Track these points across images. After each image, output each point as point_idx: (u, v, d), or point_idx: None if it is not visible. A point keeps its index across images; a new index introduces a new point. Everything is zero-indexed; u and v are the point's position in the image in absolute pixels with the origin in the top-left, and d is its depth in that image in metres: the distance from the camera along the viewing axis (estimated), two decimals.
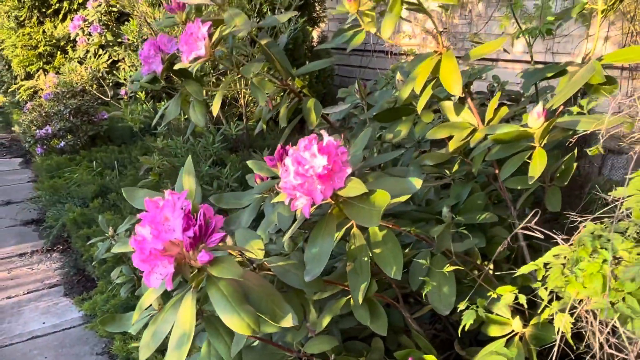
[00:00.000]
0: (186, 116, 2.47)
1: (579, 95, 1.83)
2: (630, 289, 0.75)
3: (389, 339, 1.56)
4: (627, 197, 0.89)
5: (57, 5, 5.71)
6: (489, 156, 1.39)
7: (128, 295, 2.23)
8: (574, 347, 1.02)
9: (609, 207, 1.02)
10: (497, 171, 1.51)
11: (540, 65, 1.62)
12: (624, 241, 0.81)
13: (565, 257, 0.85)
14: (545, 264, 0.88)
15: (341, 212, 1.02)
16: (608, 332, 0.92)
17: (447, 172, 1.62)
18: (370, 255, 1.10)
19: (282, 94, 1.63)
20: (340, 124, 2.41)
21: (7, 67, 6.46)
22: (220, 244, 0.89)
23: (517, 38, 1.56)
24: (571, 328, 0.96)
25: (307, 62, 4.78)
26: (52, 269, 3.34)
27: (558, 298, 1.01)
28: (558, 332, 0.87)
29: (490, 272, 1.51)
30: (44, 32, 5.77)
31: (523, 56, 3.95)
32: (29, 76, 6.08)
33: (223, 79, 2.26)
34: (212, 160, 3.00)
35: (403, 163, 1.98)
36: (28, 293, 3.08)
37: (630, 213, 0.92)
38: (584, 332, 1.00)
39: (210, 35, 1.33)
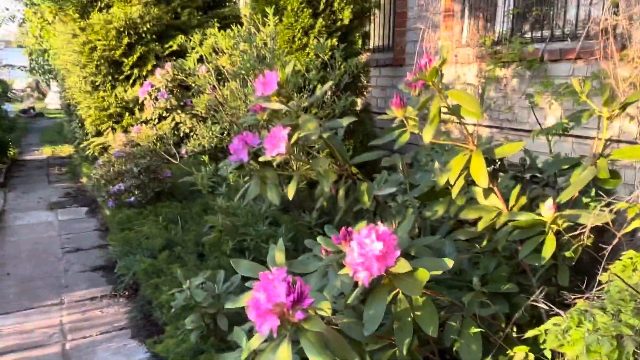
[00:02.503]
0: (245, 179, 2.89)
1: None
2: (605, 352, 1.04)
3: None
4: (609, 281, 1.19)
5: (129, 72, 6.41)
6: (511, 237, 1.69)
7: (197, 340, 2.57)
8: None
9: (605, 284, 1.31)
10: (519, 247, 1.80)
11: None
12: (602, 316, 1.11)
13: (560, 326, 1.15)
14: (546, 330, 1.18)
15: (391, 282, 1.34)
16: None
17: (477, 246, 1.92)
18: (413, 316, 1.41)
19: (339, 177, 2.00)
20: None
21: (80, 124, 7.19)
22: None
23: (536, 136, 1.89)
24: None
25: (350, 127, 5.18)
26: (120, 313, 3.71)
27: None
28: None
29: (514, 334, 1.79)
30: (115, 95, 6.45)
31: None
32: (98, 133, 6.74)
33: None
34: (268, 221, 3.37)
35: (441, 234, 2.29)
36: (100, 334, 3.46)
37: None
38: None
39: (289, 137, 1.72)
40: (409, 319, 1.40)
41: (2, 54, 11.96)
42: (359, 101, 5.79)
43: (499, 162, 2.83)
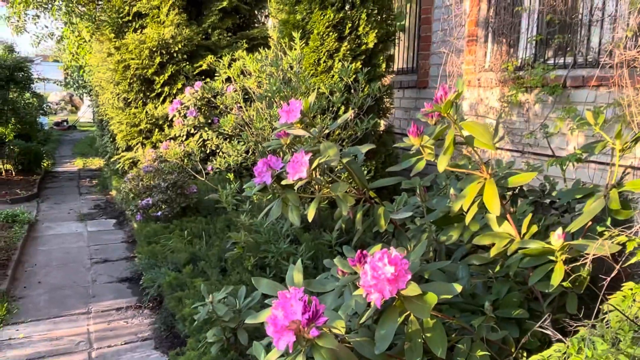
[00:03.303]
0: (268, 197, 2.99)
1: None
2: None
3: None
4: (610, 311, 1.24)
5: (160, 89, 6.63)
6: (522, 264, 1.75)
7: (217, 353, 2.67)
8: None
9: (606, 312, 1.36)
10: (531, 274, 1.85)
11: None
12: (602, 343, 1.16)
13: (561, 352, 1.20)
14: (549, 356, 1.23)
15: (402, 304, 1.42)
16: None
17: (490, 271, 1.98)
18: (423, 337, 1.48)
19: (358, 201, 2.08)
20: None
21: (111, 139, 7.44)
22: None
23: (551, 165, 1.95)
24: None
25: (373, 148, 5.31)
26: (144, 324, 3.84)
27: None
28: None
29: (524, 358, 1.83)
30: (146, 112, 6.67)
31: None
32: (128, 148, 6.97)
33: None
34: (289, 239, 3.46)
35: (455, 258, 2.35)
36: (125, 344, 3.58)
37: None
38: None
39: (311, 162, 1.82)
40: (420, 340, 1.46)
41: (39, 67, 12.45)
42: (382, 122, 5.88)
43: (518, 188, 2.89)
